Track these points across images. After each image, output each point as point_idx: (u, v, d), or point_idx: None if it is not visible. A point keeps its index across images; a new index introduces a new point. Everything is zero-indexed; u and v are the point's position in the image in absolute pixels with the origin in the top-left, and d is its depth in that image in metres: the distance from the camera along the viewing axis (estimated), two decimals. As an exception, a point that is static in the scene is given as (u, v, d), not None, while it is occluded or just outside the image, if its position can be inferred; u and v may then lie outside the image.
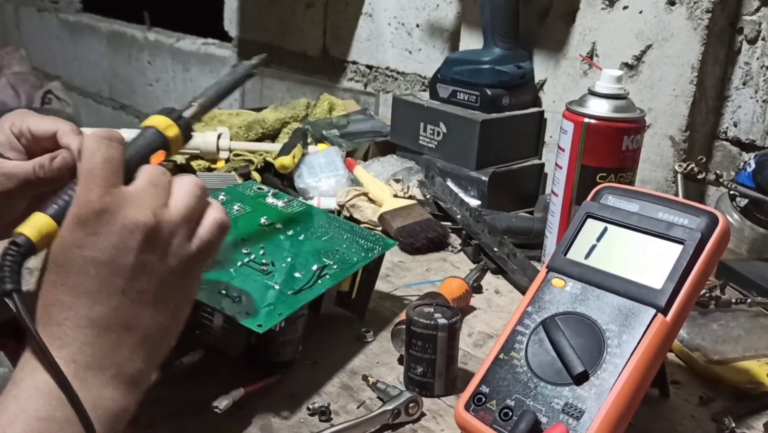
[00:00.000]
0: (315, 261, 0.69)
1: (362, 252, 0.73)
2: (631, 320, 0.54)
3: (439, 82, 1.20)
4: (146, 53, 2.50)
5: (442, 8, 1.44)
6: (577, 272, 0.58)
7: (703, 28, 0.99)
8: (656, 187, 1.06)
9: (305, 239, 0.73)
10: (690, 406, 0.66)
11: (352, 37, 1.67)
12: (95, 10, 2.96)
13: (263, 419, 0.60)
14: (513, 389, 0.54)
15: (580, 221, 0.61)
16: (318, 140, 1.26)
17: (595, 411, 0.50)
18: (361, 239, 0.76)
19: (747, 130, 1.04)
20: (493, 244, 0.92)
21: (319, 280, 0.67)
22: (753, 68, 1.03)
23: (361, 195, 1.07)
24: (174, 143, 0.59)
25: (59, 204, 0.51)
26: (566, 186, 0.85)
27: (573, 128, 0.83)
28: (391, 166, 1.16)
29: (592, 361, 0.53)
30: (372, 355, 0.71)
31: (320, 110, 1.38)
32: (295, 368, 0.67)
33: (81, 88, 3.00)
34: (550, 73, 1.19)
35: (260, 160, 1.19)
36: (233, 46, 2.07)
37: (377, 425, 0.60)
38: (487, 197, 1.09)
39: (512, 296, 0.86)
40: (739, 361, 0.70)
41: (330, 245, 0.73)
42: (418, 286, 0.86)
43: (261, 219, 0.75)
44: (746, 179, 0.93)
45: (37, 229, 0.50)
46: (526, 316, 0.58)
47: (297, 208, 0.79)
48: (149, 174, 0.52)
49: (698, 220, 0.56)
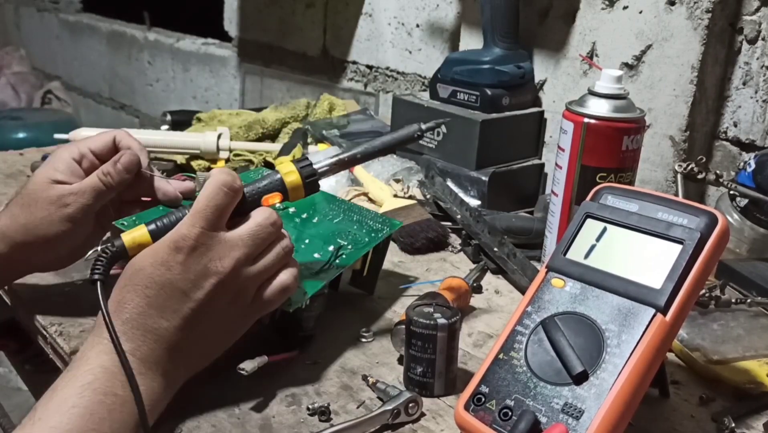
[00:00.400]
0: (331, 242, 0.74)
1: (372, 232, 0.78)
2: (630, 319, 0.54)
3: (439, 82, 1.20)
4: (146, 53, 2.50)
5: (442, 8, 1.44)
6: (577, 272, 0.58)
7: (703, 28, 0.99)
8: (656, 187, 1.06)
9: (319, 221, 0.78)
10: (690, 406, 0.66)
11: (352, 37, 1.67)
12: (95, 10, 2.96)
13: (263, 420, 0.60)
14: (513, 389, 0.54)
15: (579, 221, 0.61)
16: (318, 140, 1.26)
17: (595, 411, 0.50)
18: (370, 220, 0.80)
19: (747, 130, 1.04)
20: (493, 244, 0.92)
21: (337, 259, 0.72)
22: (753, 68, 1.03)
23: (361, 195, 1.07)
24: (293, 192, 0.65)
25: (160, 225, 0.60)
26: (566, 186, 0.85)
27: (573, 128, 0.83)
28: (391, 166, 1.16)
29: (592, 361, 0.53)
30: (372, 355, 0.71)
31: (320, 110, 1.38)
32: (296, 367, 0.67)
33: (81, 88, 3.00)
34: (550, 73, 1.19)
35: (260, 160, 1.19)
36: (233, 46, 2.07)
37: (377, 425, 0.60)
38: (487, 197, 1.09)
39: (512, 296, 0.86)
40: (739, 361, 0.70)
41: (342, 226, 0.78)
42: (418, 286, 0.86)
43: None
44: (746, 179, 0.93)
45: (133, 238, 0.60)
46: (525, 316, 0.58)
47: None
48: (253, 225, 0.60)
49: (698, 220, 0.56)
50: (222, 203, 0.58)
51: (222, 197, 0.58)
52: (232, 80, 2.10)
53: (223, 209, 0.58)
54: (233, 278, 0.58)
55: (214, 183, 0.58)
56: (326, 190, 0.92)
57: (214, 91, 2.20)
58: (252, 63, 1.98)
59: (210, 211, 0.57)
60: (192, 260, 0.56)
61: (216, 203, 0.58)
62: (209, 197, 0.58)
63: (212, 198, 0.58)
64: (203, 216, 0.57)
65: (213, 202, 0.58)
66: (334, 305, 0.77)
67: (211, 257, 0.57)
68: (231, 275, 0.58)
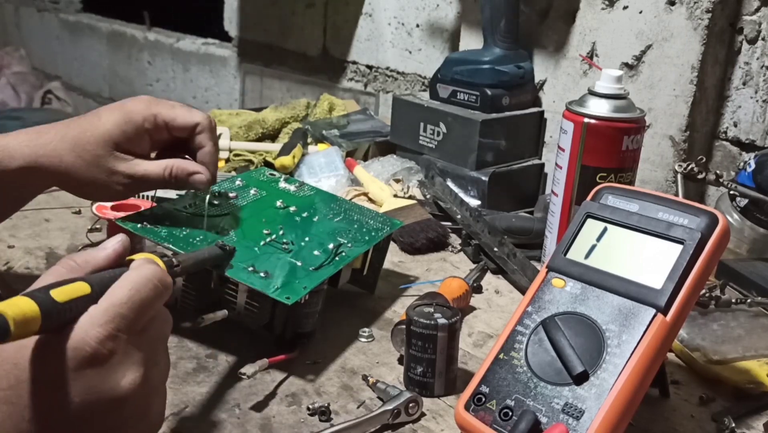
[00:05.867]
0: (330, 240, 0.74)
1: (372, 231, 0.79)
2: (631, 320, 0.54)
3: (439, 82, 1.20)
4: (146, 53, 2.50)
5: (442, 8, 1.44)
6: (577, 272, 0.58)
7: (703, 28, 0.99)
8: (656, 187, 1.06)
9: (319, 220, 0.78)
10: (690, 406, 0.66)
11: (352, 37, 1.67)
12: (95, 10, 2.96)
13: (263, 419, 0.60)
14: (513, 389, 0.54)
15: (580, 221, 0.61)
16: (318, 140, 1.26)
17: (595, 411, 0.50)
18: (371, 220, 0.81)
19: (747, 130, 1.04)
20: (493, 244, 0.92)
21: (337, 257, 0.72)
22: (753, 68, 1.03)
23: (361, 195, 1.07)
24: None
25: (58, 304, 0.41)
26: (566, 186, 0.85)
27: (573, 128, 0.83)
28: (391, 166, 1.16)
29: (592, 361, 0.53)
30: (372, 355, 0.71)
31: (320, 110, 1.38)
32: (296, 367, 0.67)
33: (81, 88, 3.00)
34: (550, 73, 1.19)
35: (260, 160, 1.19)
36: (233, 46, 2.07)
37: (377, 425, 0.60)
38: (487, 197, 1.09)
39: (512, 296, 0.86)
40: (739, 361, 0.70)
41: (342, 225, 0.78)
42: (418, 286, 0.86)
43: (277, 202, 0.79)
44: (746, 179, 0.93)
45: (19, 313, 0.39)
46: (526, 316, 0.58)
47: (308, 192, 0.84)
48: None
49: (698, 220, 0.56)
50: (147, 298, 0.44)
51: (149, 291, 0.45)
52: (232, 80, 2.10)
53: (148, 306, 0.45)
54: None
55: (141, 274, 0.45)
56: (326, 190, 0.93)
57: (214, 91, 2.20)
58: (252, 63, 1.98)
59: (128, 307, 0.43)
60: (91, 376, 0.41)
61: (141, 297, 0.44)
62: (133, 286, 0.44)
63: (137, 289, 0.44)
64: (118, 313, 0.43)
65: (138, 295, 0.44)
66: (334, 305, 0.77)
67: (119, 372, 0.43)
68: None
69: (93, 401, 0.42)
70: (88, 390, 0.42)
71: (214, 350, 0.69)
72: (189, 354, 0.68)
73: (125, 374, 0.43)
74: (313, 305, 0.69)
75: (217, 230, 0.71)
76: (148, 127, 0.68)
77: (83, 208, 0.99)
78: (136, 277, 0.45)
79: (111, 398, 0.42)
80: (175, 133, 0.69)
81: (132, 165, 0.67)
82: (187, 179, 0.69)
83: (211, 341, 0.70)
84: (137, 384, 0.43)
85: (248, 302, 0.68)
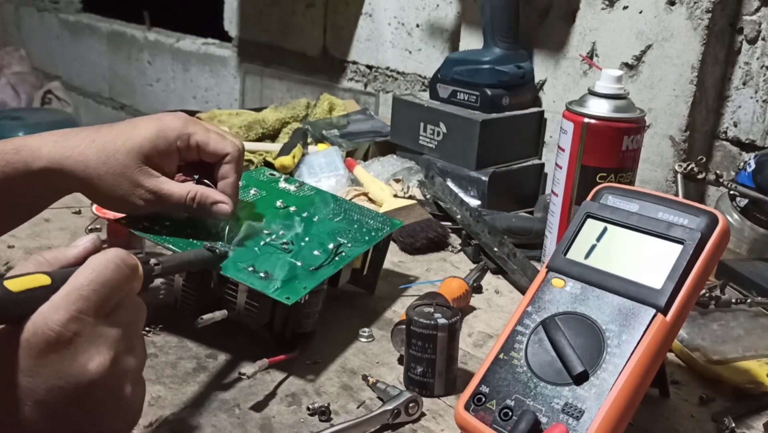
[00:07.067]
0: (330, 240, 0.75)
1: (372, 232, 0.79)
2: (631, 319, 0.54)
3: (439, 82, 1.20)
4: (146, 53, 2.50)
5: (442, 8, 1.44)
6: (577, 272, 0.58)
7: (703, 28, 0.99)
8: (656, 187, 1.06)
9: (319, 220, 0.78)
10: (690, 406, 0.66)
11: (352, 37, 1.67)
12: (95, 10, 2.96)
13: (263, 419, 0.60)
14: (513, 389, 0.54)
15: (580, 221, 0.61)
16: (318, 140, 1.26)
17: (595, 411, 0.50)
18: (371, 220, 0.81)
19: (747, 130, 1.04)
20: (493, 244, 0.92)
21: (336, 257, 0.72)
22: (753, 68, 1.02)
23: (361, 195, 1.07)
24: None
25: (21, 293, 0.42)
26: (566, 186, 0.85)
27: (573, 128, 0.83)
28: (391, 166, 1.16)
29: (592, 361, 0.53)
30: (372, 355, 0.71)
31: (320, 110, 1.38)
32: (296, 367, 0.67)
33: (81, 88, 3.00)
34: (550, 73, 1.19)
35: (260, 160, 1.19)
36: (233, 46, 2.07)
37: (377, 425, 0.60)
38: (487, 197, 1.09)
39: (512, 296, 0.86)
40: (739, 361, 0.70)
41: (342, 225, 0.78)
42: (418, 286, 0.86)
43: (277, 202, 0.79)
44: (746, 179, 0.93)
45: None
46: (526, 316, 0.58)
47: (308, 192, 0.84)
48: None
49: (698, 220, 0.56)
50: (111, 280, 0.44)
51: (111, 272, 0.44)
52: (232, 80, 2.10)
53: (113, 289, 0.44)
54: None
55: (103, 256, 0.45)
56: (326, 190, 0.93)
57: (214, 91, 2.20)
58: (252, 63, 1.98)
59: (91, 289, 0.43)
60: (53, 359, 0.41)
61: (103, 279, 0.44)
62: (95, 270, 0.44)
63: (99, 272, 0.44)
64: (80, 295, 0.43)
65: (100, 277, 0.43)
66: (334, 305, 0.77)
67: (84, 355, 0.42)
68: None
69: (62, 386, 0.41)
70: (55, 374, 0.41)
71: (214, 350, 0.69)
72: (189, 354, 0.69)
73: (93, 357, 0.42)
74: (313, 305, 0.70)
75: (217, 229, 0.71)
76: (180, 146, 0.67)
77: (83, 208, 0.99)
78: (98, 258, 0.45)
79: (78, 382, 0.42)
80: (203, 157, 0.70)
81: (158, 182, 0.67)
82: (210, 208, 0.69)
83: (211, 341, 0.70)
84: (106, 367, 0.43)
85: (248, 302, 0.68)
